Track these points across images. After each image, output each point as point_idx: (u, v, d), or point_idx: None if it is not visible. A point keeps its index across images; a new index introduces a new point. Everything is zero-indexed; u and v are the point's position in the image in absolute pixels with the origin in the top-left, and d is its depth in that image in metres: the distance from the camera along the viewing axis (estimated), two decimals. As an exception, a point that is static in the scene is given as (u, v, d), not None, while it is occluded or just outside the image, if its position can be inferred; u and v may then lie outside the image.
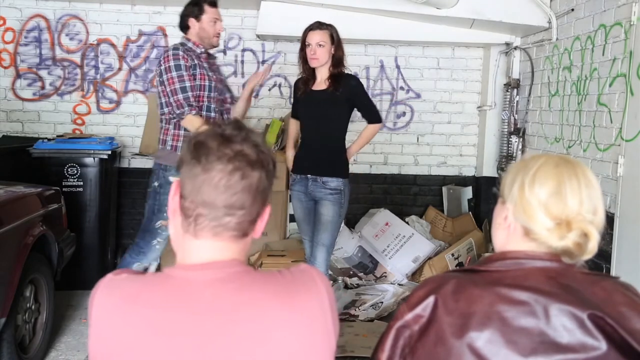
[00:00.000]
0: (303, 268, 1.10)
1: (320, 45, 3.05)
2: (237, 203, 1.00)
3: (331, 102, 3.11)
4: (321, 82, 3.15)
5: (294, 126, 3.37)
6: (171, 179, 3.08)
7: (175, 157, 3.09)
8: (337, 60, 3.12)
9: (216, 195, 1.00)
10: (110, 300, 1.01)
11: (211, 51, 3.28)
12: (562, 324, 1.01)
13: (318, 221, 3.14)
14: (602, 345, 0.99)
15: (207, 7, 3.08)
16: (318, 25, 3.11)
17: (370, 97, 4.95)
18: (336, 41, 3.11)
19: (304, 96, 3.20)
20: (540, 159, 1.13)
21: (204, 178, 1.00)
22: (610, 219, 3.14)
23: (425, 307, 1.08)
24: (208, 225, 1.01)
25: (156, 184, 3.10)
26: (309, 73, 3.16)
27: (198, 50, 3.11)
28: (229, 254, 1.03)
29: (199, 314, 0.97)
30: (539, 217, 1.08)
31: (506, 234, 1.15)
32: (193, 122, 2.96)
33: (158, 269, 3.32)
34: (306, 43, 3.09)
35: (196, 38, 3.12)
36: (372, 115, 3.25)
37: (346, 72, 3.19)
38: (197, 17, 3.08)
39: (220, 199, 1.00)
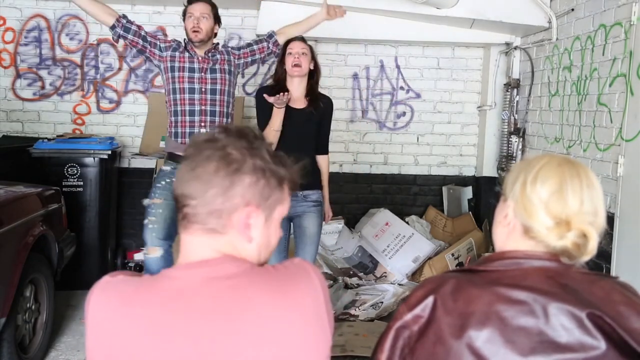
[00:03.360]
0: (297, 262, 1.10)
1: (303, 53, 3.02)
2: (188, 191, 1.02)
3: (311, 121, 3.08)
4: (298, 100, 3.07)
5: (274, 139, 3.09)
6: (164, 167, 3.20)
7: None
8: (316, 80, 3.09)
9: (176, 188, 1.04)
10: (106, 303, 1.02)
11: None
12: (561, 323, 1.01)
13: (302, 235, 3.07)
14: (601, 344, 0.99)
15: (187, 7, 3.21)
16: (300, 38, 3.09)
17: (370, 96, 5.05)
18: (315, 58, 3.09)
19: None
20: (544, 159, 1.13)
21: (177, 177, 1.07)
22: (610, 219, 3.14)
23: (424, 308, 1.08)
24: (179, 219, 1.05)
25: None
26: (282, 87, 3.05)
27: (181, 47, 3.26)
28: (210, 249, 1.03)
29: (193, 313, 0.97)
30: (539, 216, 1.08)
31: (506, 232, 1.15)
32: None
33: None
34: (287, 51, 3.03)
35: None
36: (326, 145, 3.21)
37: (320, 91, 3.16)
38: (183, 18, 3.24)
39: (179, 190, 1.03)
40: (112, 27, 3.18)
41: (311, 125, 3.09)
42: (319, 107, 3.09)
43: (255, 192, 1.02)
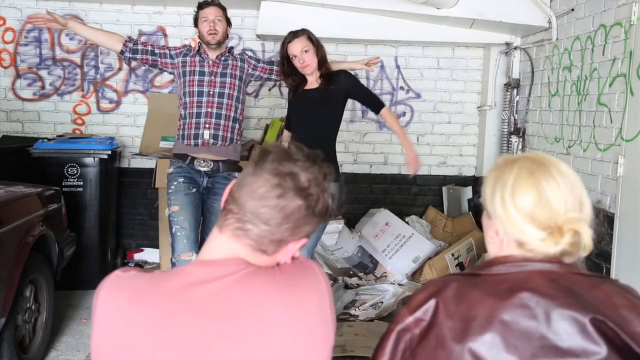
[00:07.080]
0: (302, 261, 1.11)
1: (305, 51, 3.04)
2: (263, 216, 1.02)
3: (325, 100, 3.07)
4: (313, 82, 3.14)
5: (287, 139, 3.29)
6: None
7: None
8: (322, 58, 3.11)
9: (248, 199, 1.03)
10: (116, 298, 1.02)
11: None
12: (563, 328, 1.00)
13: None
14: (602, 349, 0.99)
15: (199, 11, 3.27)
16: (294, 35, 3.07)
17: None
18: (315, 42, 3.10)
19: (296, 99, 3.17)
20: (514, 168, 1.10)
21: (249, 180, 1.04)
22: (610, 219, 3.14)
23: (426, 311, 1.08)
24: (232, 224, 1.04)
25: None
26: (300, 80, 3.13)
27: (192, 52, 3.32)
28: (230, 251, 1.04)
29: (200, 311, 0.98)
30: (529, 230, 1.06)
31: (499, 247, 1.13)
32: None
33: None
34: (290, 56, 3.06)
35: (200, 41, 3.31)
36: (377, 102, 3.21)
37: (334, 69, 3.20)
38: (195, 23, 3.30)
39: (250, 204, 1.02)
40: (122, 52, 3.29)
41: (326, 102, 3.08)
42: (331, 83, 3.08)
43: (315, 228, 1.09)
